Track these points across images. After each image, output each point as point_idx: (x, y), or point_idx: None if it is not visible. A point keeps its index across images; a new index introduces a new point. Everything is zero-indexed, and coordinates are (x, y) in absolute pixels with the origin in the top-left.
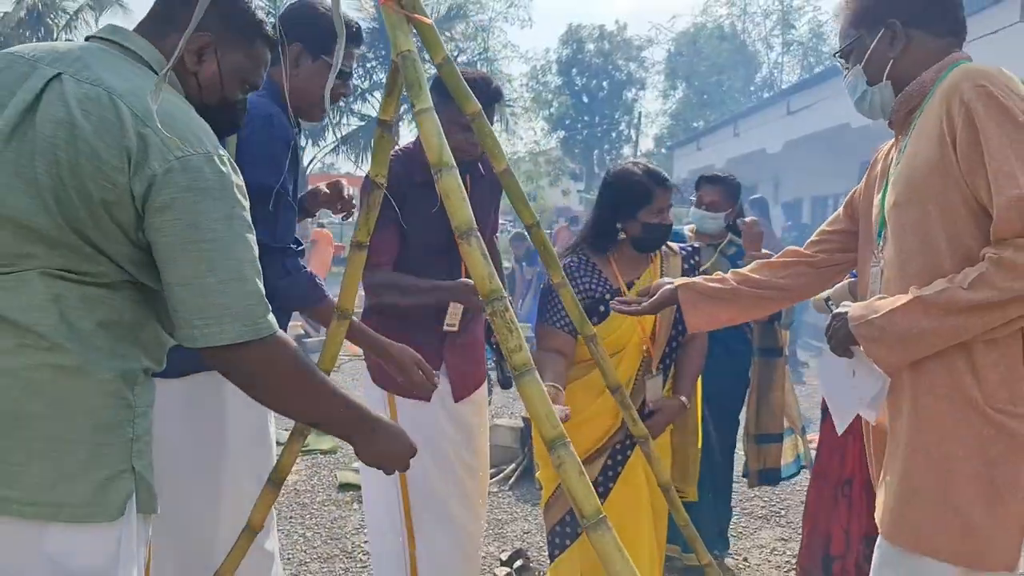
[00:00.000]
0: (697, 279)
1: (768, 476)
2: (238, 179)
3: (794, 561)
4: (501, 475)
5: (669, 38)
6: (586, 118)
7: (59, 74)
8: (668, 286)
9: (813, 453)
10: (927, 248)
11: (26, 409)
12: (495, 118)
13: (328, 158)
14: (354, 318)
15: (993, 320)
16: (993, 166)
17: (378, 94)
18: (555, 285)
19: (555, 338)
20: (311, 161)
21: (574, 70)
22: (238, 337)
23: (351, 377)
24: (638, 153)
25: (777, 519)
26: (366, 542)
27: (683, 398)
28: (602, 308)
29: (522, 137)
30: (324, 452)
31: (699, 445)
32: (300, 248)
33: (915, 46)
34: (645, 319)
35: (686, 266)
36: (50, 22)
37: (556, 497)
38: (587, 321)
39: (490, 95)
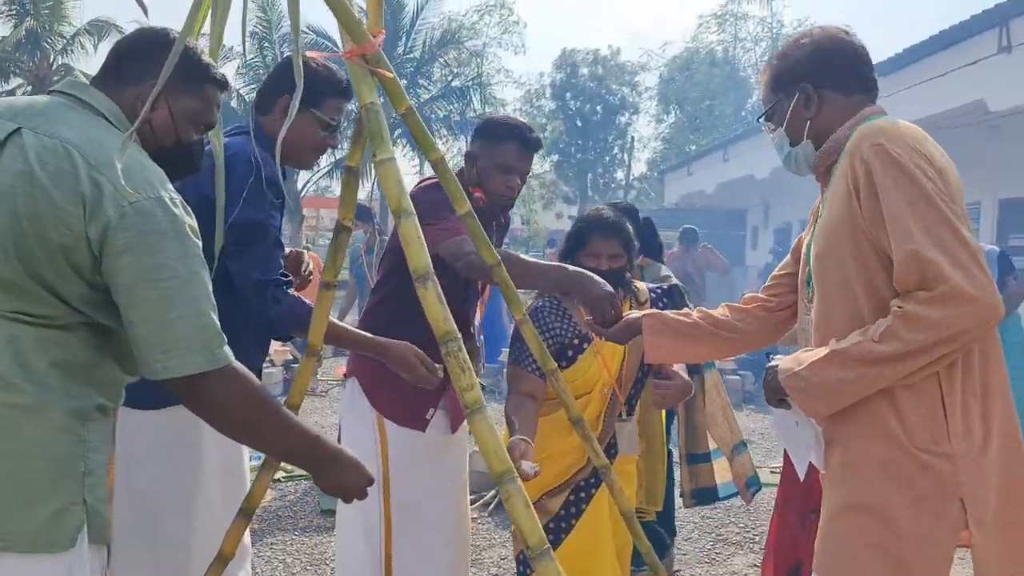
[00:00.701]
0: (665, 312)
1: (703, 495)
2: (191, 220)
3: None
4: (480, 501)
5: (661, 64)
6: (580, 142)
7: (19, 128)
8: (634, 314)
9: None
10: (847, 297)
11: None
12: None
13: (323, 181)
14: (339, 321)
15: (905, 369)
16: (891, 222)
17: None
18: (517, 322)
19: (525, 381)
20: (305, 184)
21: (568, 94)
22: (198, 368)
23: (343, 403)
24: (631, 177)
25: (751, 545)
26: None
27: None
28: (570, 352)
29: None
30: (307, 478)
31: (665, 466)
32: (288, 280)
33: (828, 106)
34: (611, 362)
35: (652, 295)
36: (47, 45)
37: None
38: (548, 357)
39: (532, 143)
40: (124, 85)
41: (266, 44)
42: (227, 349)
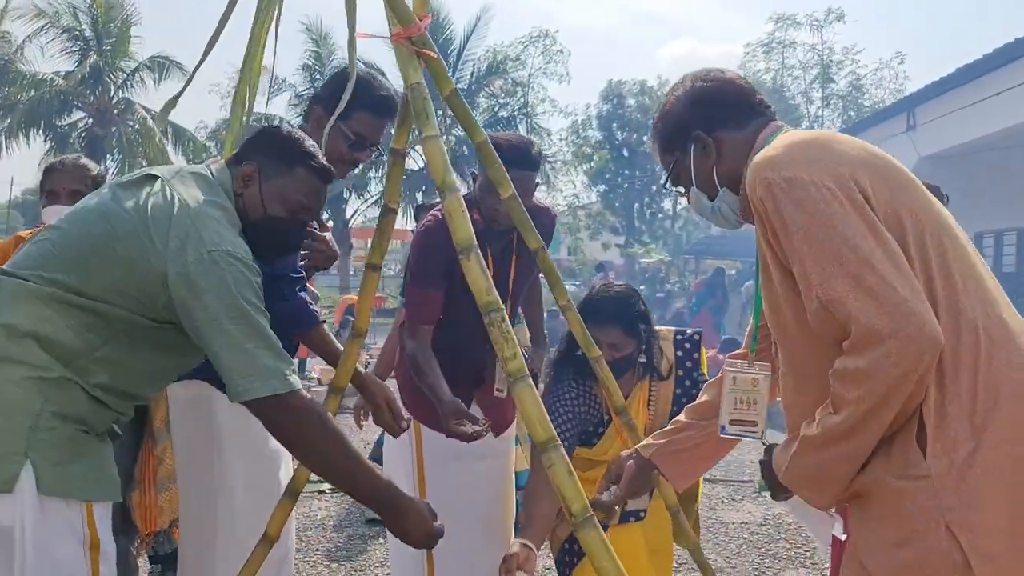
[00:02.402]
0: (662, 439)
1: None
2: (257, 277)
3: None
4: None
5: None
6: (626, 172)
7: (155, 176)
8: (630, 461)
9: None
10: (794, 350)
11: None
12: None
13: (371, 211)
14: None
15: (877, 426)
16: (796, 267)
17: (419, 147)
18: (561, 308)
19: None
20: (354, 214)
21: (614, 124)
22: (275, 389)
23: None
24: (677, 207)
25: (802, 560)
26: (388, 574)
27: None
28: (594, 439)
29: (562, 190)
30: None
31: (696, 505)
32: (298, 276)
33: (727, 146)
34: (631, 442)
35: (679, 352)
36: (109, 80)
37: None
38: (592, 343)
39: (532, 161)
40: (238, 164)
41: (318, 77)
42: (296, 376)
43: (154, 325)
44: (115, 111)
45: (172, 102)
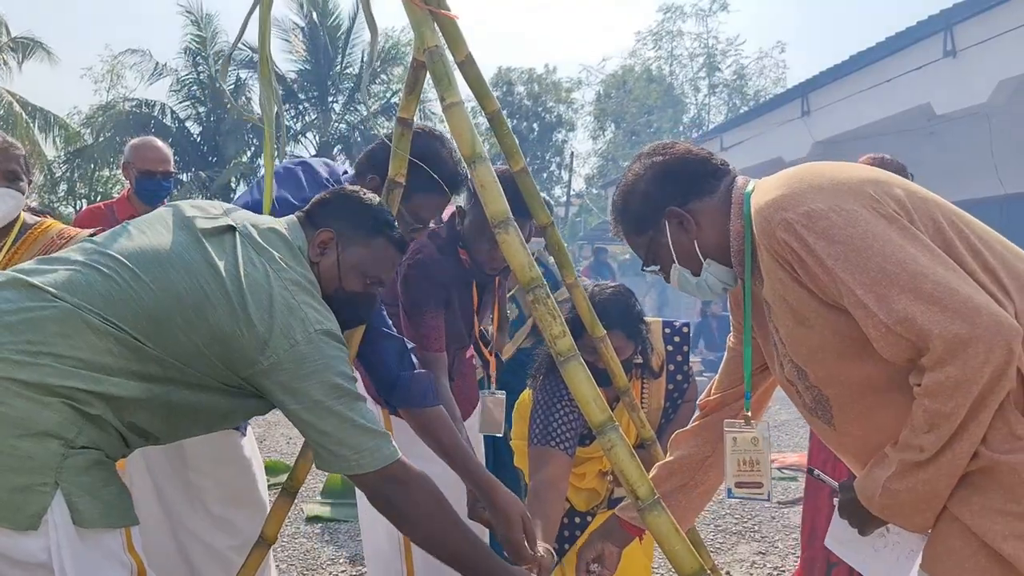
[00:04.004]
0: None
1: None
2: (347, 347)
3: (776, 572)
4: None
5: (599, 80)
6: None
7: (233, 228)
8: (609, 545)
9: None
10: (853, 383)
11: None
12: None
13: None
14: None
15: (976, 432)
16: (847, 300)
17: (309, 135)
18: (568, 285)
19: (552, 462)
20: None
21: (504, 112)
22: (387, 459)
23: None
24: (570, 193)
25: (752, 534)
26: (343, 572)
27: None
28: (587, 440)
29: None
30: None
31: None
32: (410, 346)
33: (704, 215)
34: (627, 433)
35: (669, 347)
36: None
37: None
38: (597, 322)
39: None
40: (314, 229)
41: (200, 60)
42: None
43: (222, 388)
44: None
45: (227, 60)
